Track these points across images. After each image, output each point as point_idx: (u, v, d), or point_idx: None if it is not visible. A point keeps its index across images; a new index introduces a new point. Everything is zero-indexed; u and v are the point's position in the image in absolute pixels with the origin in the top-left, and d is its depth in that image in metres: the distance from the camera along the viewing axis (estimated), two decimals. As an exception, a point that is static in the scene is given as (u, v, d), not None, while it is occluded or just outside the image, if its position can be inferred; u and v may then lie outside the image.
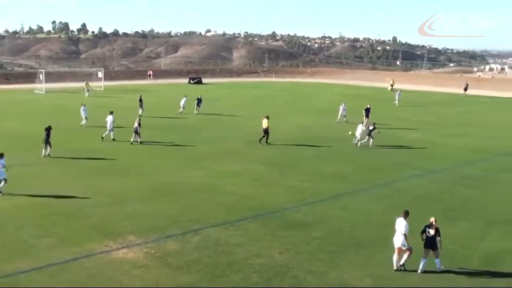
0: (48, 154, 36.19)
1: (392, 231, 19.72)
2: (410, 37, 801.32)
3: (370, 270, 19.46)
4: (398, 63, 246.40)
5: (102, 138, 42.38)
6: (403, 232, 19.31)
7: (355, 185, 31.02)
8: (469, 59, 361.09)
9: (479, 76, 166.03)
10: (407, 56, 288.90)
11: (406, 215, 19.60)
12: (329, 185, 30.95)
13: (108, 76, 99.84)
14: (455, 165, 37.28)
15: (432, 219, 19.45)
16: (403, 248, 19.38)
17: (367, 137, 42.78)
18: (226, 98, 75.97)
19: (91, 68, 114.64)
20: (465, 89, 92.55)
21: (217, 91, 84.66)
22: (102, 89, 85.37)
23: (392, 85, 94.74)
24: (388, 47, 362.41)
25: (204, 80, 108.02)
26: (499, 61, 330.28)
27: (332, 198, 28.47)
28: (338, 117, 55.73)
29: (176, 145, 41.75)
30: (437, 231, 19.26)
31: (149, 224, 23.46)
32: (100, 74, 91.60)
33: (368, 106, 55.08)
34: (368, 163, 37.05)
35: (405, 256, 19.45)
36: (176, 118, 55.94)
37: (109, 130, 42.63)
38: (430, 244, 19.25)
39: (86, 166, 34.23)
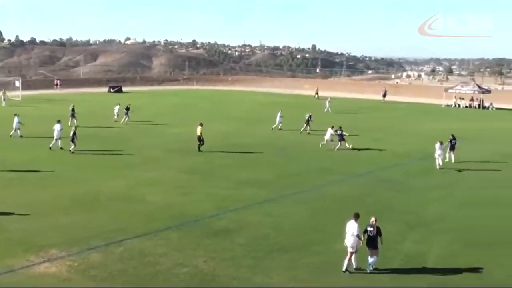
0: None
1: (315, 235, 20.05)
2: (329, 45, 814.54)
3: (295, 274, 19.71)
4: (317, 70, 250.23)
5: (50, 148, 41.85)
6: (355, 234, 19.80)
7: (277, 191, 31.28)
8: (387, 67, 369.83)
9: (397, 83, 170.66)
10: (326, 64, 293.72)
11: (356, 217, 20.19)
12: (252, 191, 31.13)
13: (26, 85, 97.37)
14: (376, 169, 38.19)
15: (373, 219, 20.17)
16: (352, 250, 19.90)
17: (339, 141, 44.54)
18: (147, 107, 75.35)
19: (8, 77, 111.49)
20: (384, 96, 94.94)
21: (138, 99, 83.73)
22: (20, 98, 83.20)
23: (317, 93, 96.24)
24: (307, 55, 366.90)
25: (124, 89, 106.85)
26: (416, 68, 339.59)
27: (255, 204, 28.64)
28: (274, 125, 56.21)
29: (100, 154, 41.21)
30: (378, 230, 20.00)
31: (72, 236, 22.98)
32: (17, 83, 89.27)
33: (310, 114, 55.66)
34: (289, 169, 37.50)
35: (347, 258, 20.00)
36: (100, 127, 55.07)
37: (56, 139, 42.04)
38: (371, 243, 19.96)
39: (7, 178, 33.26)
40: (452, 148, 40.87)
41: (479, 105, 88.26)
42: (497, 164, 40.75)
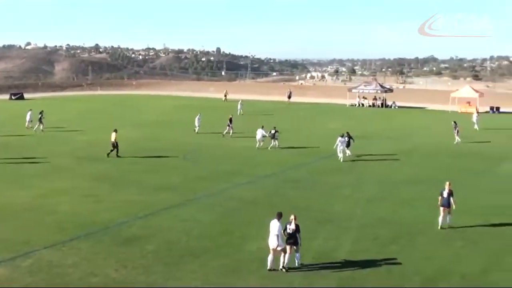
0: None
1: (225, 238, 20.18)
2: (234, 47, 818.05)
3: (207, 278, 19.80)
4: (223, 73, 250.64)
5: None
6: (276, 233, 20.25)
7: (185, 196, 31.25)
8: (291, 68, 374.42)
9: (301, 84, 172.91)
10: (231, 67, 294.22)
11: (279, 217, 20.64)
12: (160, 197, 30.97)
13: None
14: (283, 169, 38.77)
15: (292, 217, 20.67)
16: (279, 248, 20.25)
17: (272, 140, 46.74)
18: (52, 113, 73.21)
19: None
20: (289, 97, 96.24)
21: (41, 106, 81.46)
22: None
23: (226, 96, 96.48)
24: (212, 58, 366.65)
25: (26, 95, 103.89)
26: (320, 69, 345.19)
27: (164, 210, 28.52)
28: (197, 128, 56.48)
29: (8, 163, 40.06)
30: (297, 227, 20.53)
31: (-25, 251, 22.26)
32: None
33: (231, 116, 56.05)
34: (195, 173, 37.54)
35: (285, 256, 20.41)
36: (9, 136, 53.30)
37: None
38: (291, 240, 20.46)
39: None
40: (348, 145, 42.54)
41: (382, 104, 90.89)
42: (400, 160, 42.31)
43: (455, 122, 52.57)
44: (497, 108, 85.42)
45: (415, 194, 32.38)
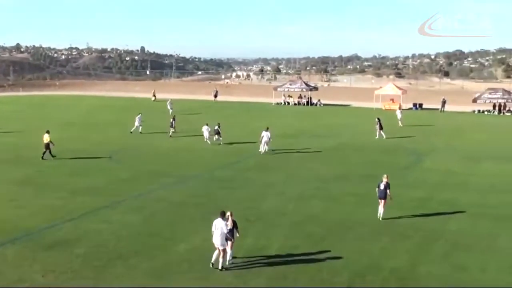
0: None
1: (153, 239, 19.99)
2: (158, 46, 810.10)
3: (137, 280, 19.60)
4: (147, 72, 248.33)
5: None
6: (224, 232, 20.57)
7: (112, 198, 30.68)
8: (217, 67, 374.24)
9: (227, 83, 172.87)
10: (156, 66, 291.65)
11: (223, 215, 20.98)
12: (87, 199, 30.32)
13: None
14: (211, 169, 38.63)
15: (228, 213, 21.07)
16: (222, 247, 20.55)
17: (216, 136, 48.56)
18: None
19: None
20: (215, 96, 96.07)
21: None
22: None
23: (154, 95, 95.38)
24: (136, 57, 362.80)
25: None
26: (245, 68, 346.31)
27: (91, 213, 27.97)
28: (140, 128, 55.90)
29: None
30: (234, 223, 20.97)
31: None
32: None
33: (174, 116, 56.55)
34: (122, 174, 36.97)
35: (225, 256, 20.74)
36: None
37: None
38: (229, 236, 20.80)
39: None
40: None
41: (307, 102, 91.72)
42: (328, 157, 42.89)
43: (378, 118, 54.03)
44: (420, 105, 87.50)
45: (344, 190, 32.87)
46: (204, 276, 20.06)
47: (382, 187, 26.72)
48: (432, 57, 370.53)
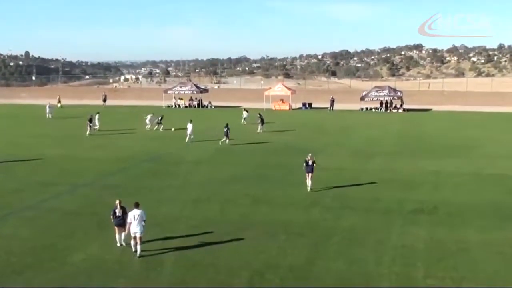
0: None
1: (47, 252, 19.21)
2: (43, 51, 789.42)
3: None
4: (33, 78, 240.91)
5: None
6: (144, 218, 22.25)
7: (1, 210, 29.22)
8: (104, 71, 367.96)
9: (115, 87, 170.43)
10: (41, 71, 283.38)
11: (137, 205, 22.41)
12: (-27, 212, 28.87)
13: None
14: (102, 176, 37.69)
15: (117, 202, 23.21)
16: (141, 235, 22.08)
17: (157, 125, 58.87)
18: None
19: None
20: (104, 100, 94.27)
21: None
22: None
23: (60, 102, 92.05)
24: (21, 62, 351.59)
25: None
26: (133, 72, 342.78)
27: (-21, 226, 26.70)
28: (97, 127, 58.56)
29: None
30: (123, 209, 22.86)
31: None
32: None
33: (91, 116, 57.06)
34: (9, 185, 35.12)
35: (137, 245, 22.18)
36: None
37: None
38: (120, 221, 22.76)
39: None
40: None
41: (198, 104, 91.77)
42: (220, 159, 43.09)
43: (259, 114, 59.33)
44: (309, 104, 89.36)
45: (237, 191, 32.96)
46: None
47: (310, 163, 32.39)
48: (319, 57, 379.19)
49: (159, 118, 61.36)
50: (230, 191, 33.10)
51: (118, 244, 23.04)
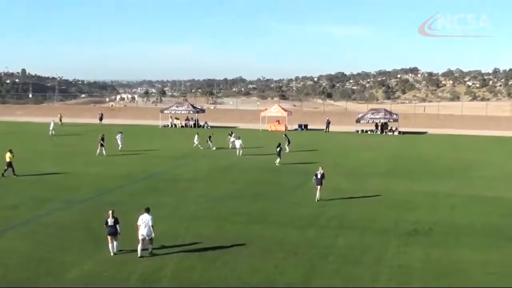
0: None
1: (44, 266, 19.16)
2: (40, 69, 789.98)
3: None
4: (30, 95, 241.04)
5: None
6: (151, 224, 23.77)
7: (-2, 225, 29.27)
8: (100, 90, 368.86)
9: (112, 106, 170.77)
10: (38, 89, 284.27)
11: (148, 211, 24.26)
12: (-30, 227, 28.82)
13: None
14: (99, 193, 37.57)
15: (110, 212, 24.38)
16: (149, 237, 23.72)
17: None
18: None
19: None
20: (101, 119, 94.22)
21: None
22: None
23: (61, 119, 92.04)
24: (17, 80, 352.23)
25: None
26: (130, 91, 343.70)
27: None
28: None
29: None
30: (116, 219, 24.11)
31: None
32: None
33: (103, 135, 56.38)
34: (6, 201, 35.05)
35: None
36: None
37: None
38: (112, 230, 23.94)
39: None
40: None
41: (194, 124, 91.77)
42: (216, 177, 43.12)
43: (285, 135, 62.73)
44: (305, 126, 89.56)
45: (233, 209, 33.03)
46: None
47: (319, 176, 34.67)
48: (315, 79, 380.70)
49: (209, 136, 62.80)
50: (226, 208, 33.10)
51: (112, 254, 23.85)
